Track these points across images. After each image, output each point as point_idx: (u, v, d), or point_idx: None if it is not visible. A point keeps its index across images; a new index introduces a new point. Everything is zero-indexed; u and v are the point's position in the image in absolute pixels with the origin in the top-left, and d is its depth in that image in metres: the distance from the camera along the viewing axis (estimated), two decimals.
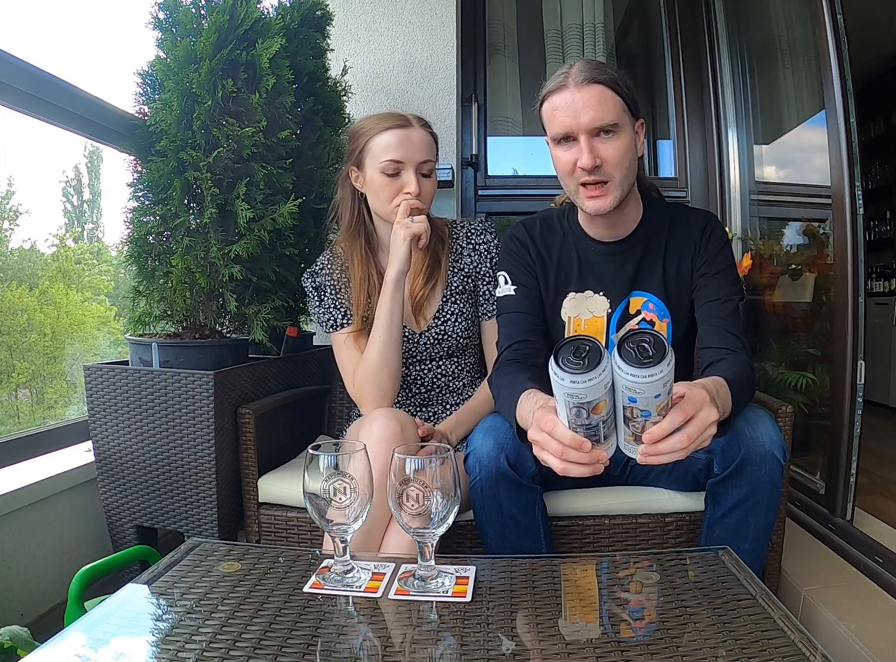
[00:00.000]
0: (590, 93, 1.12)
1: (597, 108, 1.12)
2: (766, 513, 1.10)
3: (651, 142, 2.89)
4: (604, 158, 1.14)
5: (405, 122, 1.36)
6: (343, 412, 1.82)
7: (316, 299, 1.47)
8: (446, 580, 0.85)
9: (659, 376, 0.72)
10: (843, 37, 1.64)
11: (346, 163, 1.43)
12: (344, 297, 1.45)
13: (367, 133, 1.37)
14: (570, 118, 1.13)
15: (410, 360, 1.47)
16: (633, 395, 0.75)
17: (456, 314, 1.45)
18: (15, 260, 4.40)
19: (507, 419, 1.08)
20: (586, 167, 1.13)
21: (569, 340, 0.77)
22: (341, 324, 1.45)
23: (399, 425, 1.17)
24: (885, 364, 3.84)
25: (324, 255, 1.51)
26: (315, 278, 1.48)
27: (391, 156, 1.33)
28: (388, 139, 1.34)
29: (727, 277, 1.23)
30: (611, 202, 1.17)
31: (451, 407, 1.49)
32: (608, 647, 0.71)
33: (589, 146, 1.13)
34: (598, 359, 0.74)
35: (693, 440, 0.81)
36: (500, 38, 2.66)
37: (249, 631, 0.74)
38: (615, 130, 1.14)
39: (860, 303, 1.63)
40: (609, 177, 1.15)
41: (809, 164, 2.09)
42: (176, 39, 1.46)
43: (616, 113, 1.13)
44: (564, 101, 1.14)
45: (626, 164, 1.16)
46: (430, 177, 1.38)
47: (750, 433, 1.06)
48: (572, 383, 0.74)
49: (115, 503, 1.49)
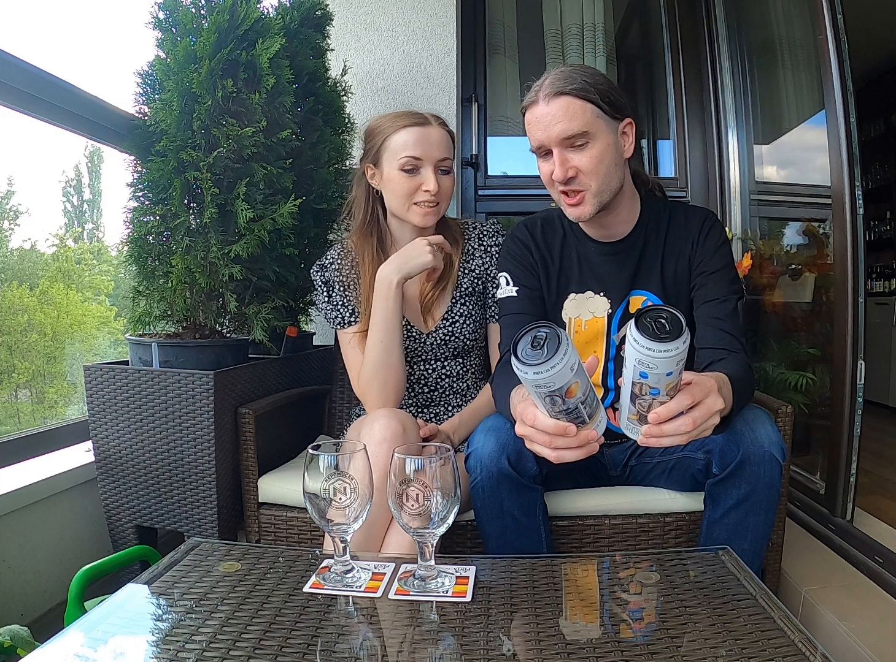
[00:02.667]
0: (557, 105, 1.14)
1: (564, 120, 1.13)
2: (765, 513, 1.10)
3: (651, 142, 2.89)
4: (578, 168, 1.16)
5: (423, 120, 1.36)
6: (343, 412, 1.81)
7: (324, 294, 1.46)
8: (446, 580, 0.85)
9: (674, 352, 0.71)
10: (843, 37, 1.63)
11: (363, 161, 1.43)
12: (352, 295, 1.44)
13: (385, 130, 1.37)
14: (541, 132, 1.16)
15: (415, 359, 1.46)
16: (645, 370, 0.74)
17: (465, 316, 1.45)
18: (15, 260, 4.40)
19: (507, 418, 1.09)
20: (559, 179, 1.16)
21: (525, 331, 0.76)
22: (349, 322, 1.44)
23: (401, 425, 1.17)
24: (885, 364, 3.84)
25: (334, 249, 1.50)
26: (324, 272, 1.47)
27: (410, 153, 1.33)
28: (406, 136, 1.34)
29: (725, 276, 1.23)
30: (588, 210, 1.18)
31: (453, 409, 1.48)
32: (608, 647, 0.71)
33: (561, 158, 1.15)
34: (556, 345, 0.73)
35: (697, 425, 0.81)
36: (500, 38, 2.66)
37: (249, 631, 0.74)
38: (588, 139, 1.15)
39: (860, 303, 1.63)
40: (585, 187, 1.17)
41: (809, 164, 2.09)
42: (176, 39, 1.46)
43: (585, 121, 1.14)
44: (535, 115, 1.17)
45: (603, 171, 1.17)
46: (448, 175, 1.38)
47: (749, 433, 1.06)
48: (536, 375, 0.73)
49: (115, 503, 1.49)
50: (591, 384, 0.80)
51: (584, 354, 1.31)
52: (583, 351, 1.32)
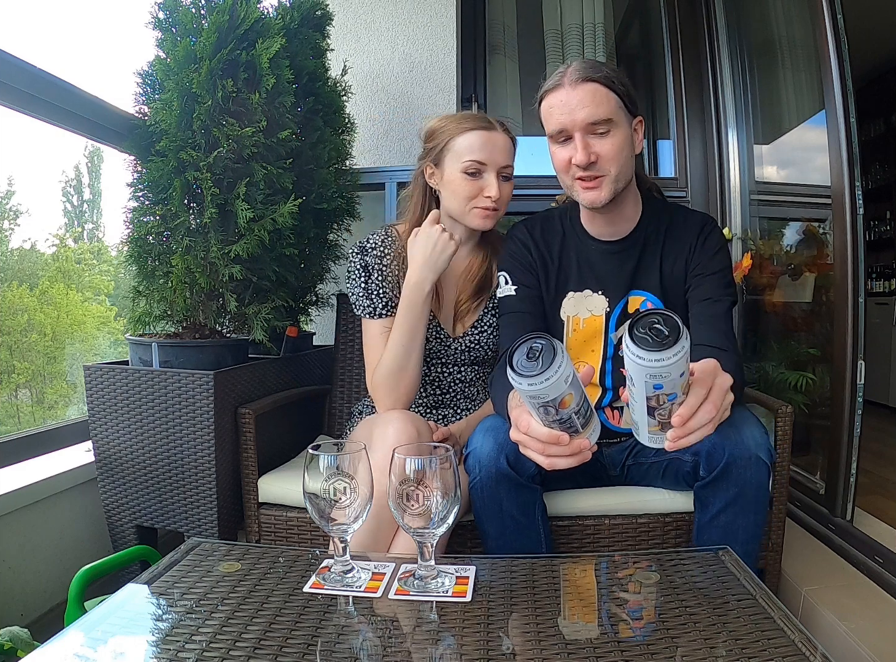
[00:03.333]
0: (584, 90, 1.14)
1: (591, 105, 1.14)
2: (754, 515, 1.09)
3: (651, 142, 2.89)
4: (599, 154, 1.16)
5: (489, 125, 1.35)
6: (343, 412, 1.81)
7: (361, 278, 1.39)
8: (446, 580, 0.85)
9: (683, 353, 0.69)
10: (843, 37, 1.63)
11: (423, 159, 1.41)
12: (388, 286, 1.39)
13: (449, 131, 1.35)
14: (566, 116, 1.16)
15: (435, 362, 1.45)
16: (658, 382, 0.72)
17: (493, 326, 1.43)
18: (15, 260, 4.40)
19: (505, 419, 1.08)
20: (581, 164, 1.16)
21: (520, 342, 0.76)
22: (379, 314, 1.38)
23: (415, 430, 1.16)
24: (885, 364, 3.84)
25: (377, 234, 1.43)
26: (364, 256, 1.40)
27: (475, 157, 1.32)
28: (471, 139, 1.33)
29: (721, 279, 1.23)
30: (605, 195, 1.18)
31: (462, 412, 1.47)
32: (608, 647, 0.71)
33: (584, 143, 1.15)
34: (552, 357, 0.72)
35: (718, 408, 0.79)
36: (500, 38, 2.66)
37: (249, 631, 0.74)
38: (610, 127, 1.15)
39: (860, 303, 1.63)
40: (604, 172, 1.17)
41: (809, 164, 2.09)
42: (176, 39, 1.46)
43: (610, 109, 1.15)
44: (560, 99, 1.16)
45: (622, 160, 1.17)
46: (508, 181, 1.37)
47: (734, 435, 1.05)
48: (530, 386, 0.73)
49: (115, 503, 1.49)
50: (586, 394, 0.80)
51: (583, 352, 1.31)
52: (581, 349, 1.32)
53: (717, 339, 1.15)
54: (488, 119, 1.36)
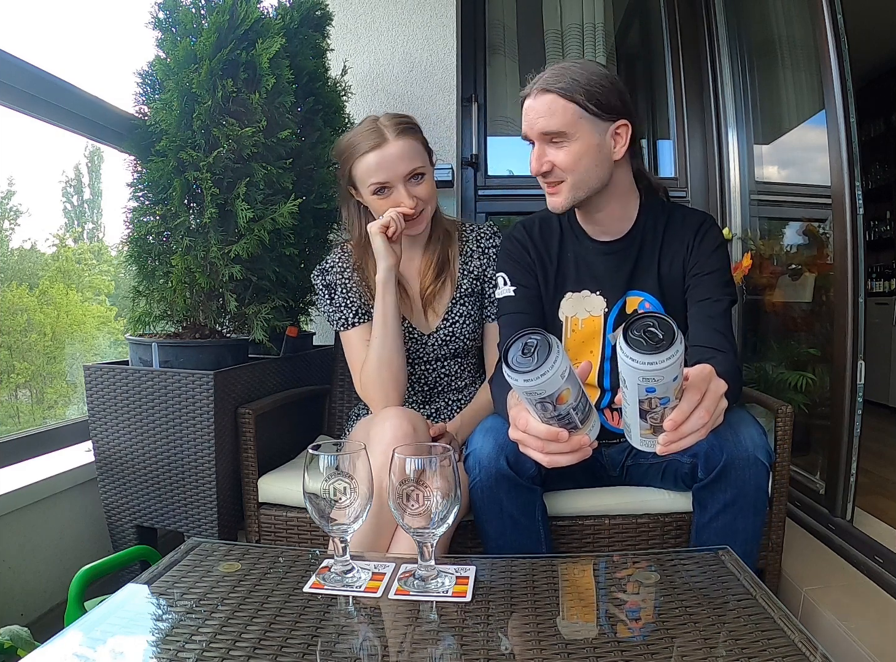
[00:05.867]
0: (541, 101, 1.17)
1: (545, 116, 1.17)
2: (753, 517, 1.09)
3: (651, 142, 2.89)
4: (553, 162, 1.19)
5: (379, 140, 1.33)
6: (343, 412, 1.81)
7: (326, 297, 1.46)
8: (446, 580, 0.85)
9: (676, 356, 0.68)
10: (843, 37, 1.63)
11: (342, 184, 1.44)
12: (355, 296, 1.45)
13: (346, 159, 1.37)
14: (526, 124, 1.20)
15: (416, 361, 1.48)
16: (651, 385, 0.71)
17: (464, 316, 1.46)
18: (15, 260, 4.40)
19: (505, 419, 1.08)
20: (532, 172, 1.22)
21: (515, 338, 0.75)
22: (352, 323, 1.44)
23: (411, 426, 1.17)
24: (885, 364, 3.84)
25: (334, 253, 1.50)
26: (325, 276, 1.47)
27: (375, 180, 1.34)
28: (367, 163, 1.33)
29: (720, 279, 1.22)
30: (562, 201, 1.21)
31: (452, 404, 1.50)
32: (608, 647, 0.71)
33: (539, 152, 1.20)
34: (547, 352, 0.72)
35: (711, 414, 0.78)
36: (500, 38, 2.66)
37: (249, 631, 0.74)
38: (564, 138, 1.17)
39: (860, 303, 1.63)
40: (562, 178, 1.20)
41: (809, 164, 2.09)
42: (176, 39, 1.46)
43: (564, 121, 1.15)
44: (526, 106, 1.21)
45: (581, 169, 1.18)
46: (422, 181, 1.37)
47: (732, 437, 1.05)
48: (526, 382, 0.73)
49: (115, 503, 1.49)
50: (584, 390, 0.79)
51: (581, 353, 1.31)
52: (579, 349, 1.32)
53: (715, 340, 1.15)
54: (380, 130, 1.34)
